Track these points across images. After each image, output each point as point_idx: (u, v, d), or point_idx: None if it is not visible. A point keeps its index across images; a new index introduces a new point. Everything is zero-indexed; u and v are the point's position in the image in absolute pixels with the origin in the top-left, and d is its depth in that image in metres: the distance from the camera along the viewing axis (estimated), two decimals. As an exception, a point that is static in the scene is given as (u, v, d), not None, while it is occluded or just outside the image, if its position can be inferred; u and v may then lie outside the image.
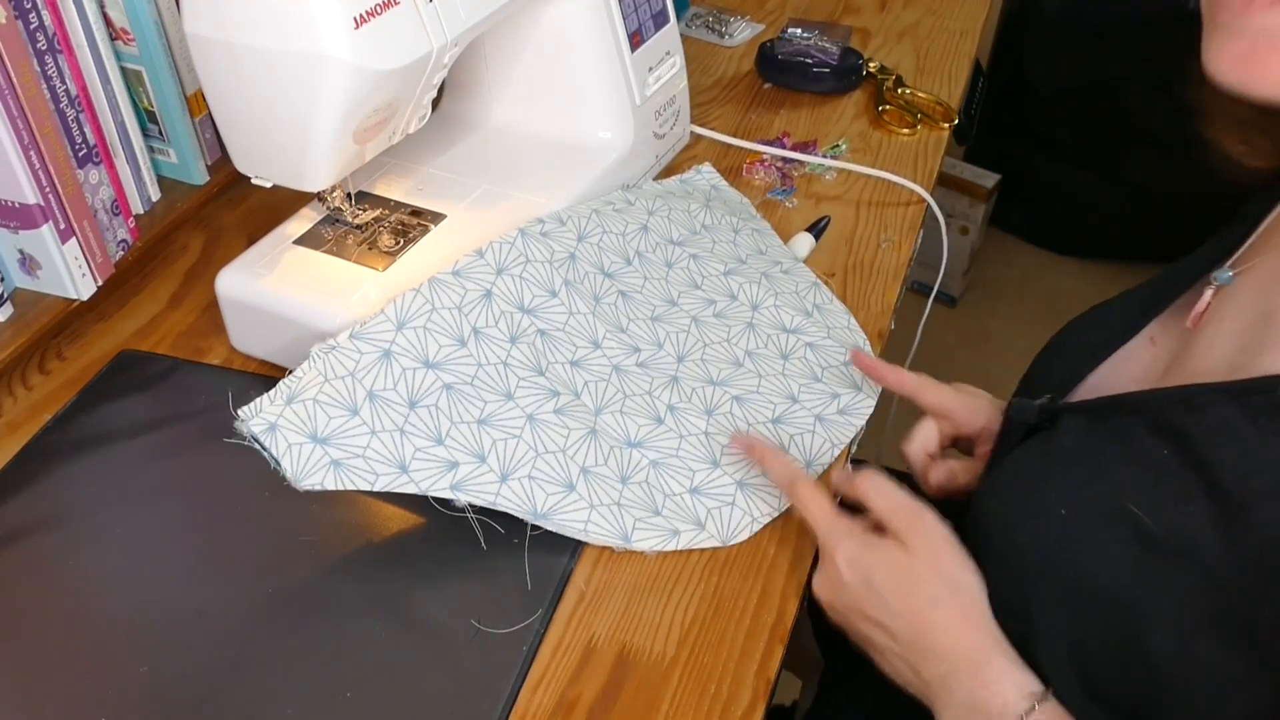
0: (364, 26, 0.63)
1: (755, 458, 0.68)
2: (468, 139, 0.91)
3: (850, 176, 1.01)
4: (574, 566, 0.66)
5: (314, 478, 0.63)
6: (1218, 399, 0.51)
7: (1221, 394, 0.51)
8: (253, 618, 0.63)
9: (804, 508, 0.63)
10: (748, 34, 1.25)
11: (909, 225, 0.95)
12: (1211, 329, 0.57)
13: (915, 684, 0.57)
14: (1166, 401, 0.53)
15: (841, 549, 0.59)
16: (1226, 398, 0.50)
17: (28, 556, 0.66)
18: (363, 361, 0.67)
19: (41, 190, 0.75)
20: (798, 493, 0.64)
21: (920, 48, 1.23)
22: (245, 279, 0.76)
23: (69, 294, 0.80)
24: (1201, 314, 0.58)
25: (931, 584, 0.57)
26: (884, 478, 0.62)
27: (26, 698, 0.59)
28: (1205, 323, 0.58)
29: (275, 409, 0.63)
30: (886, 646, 0.58)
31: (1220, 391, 0.51)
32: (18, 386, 0.78)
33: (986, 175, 2.05)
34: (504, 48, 0.89)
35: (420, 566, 0.65)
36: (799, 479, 0.64)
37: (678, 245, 0.85)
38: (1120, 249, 2.14)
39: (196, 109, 0.89)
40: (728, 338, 0.80)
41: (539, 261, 0.76)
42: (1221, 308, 0.58)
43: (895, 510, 0.60)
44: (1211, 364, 0.55)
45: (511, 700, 0.59)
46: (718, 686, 0.60)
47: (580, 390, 0.73)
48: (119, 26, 0.83)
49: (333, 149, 0.69)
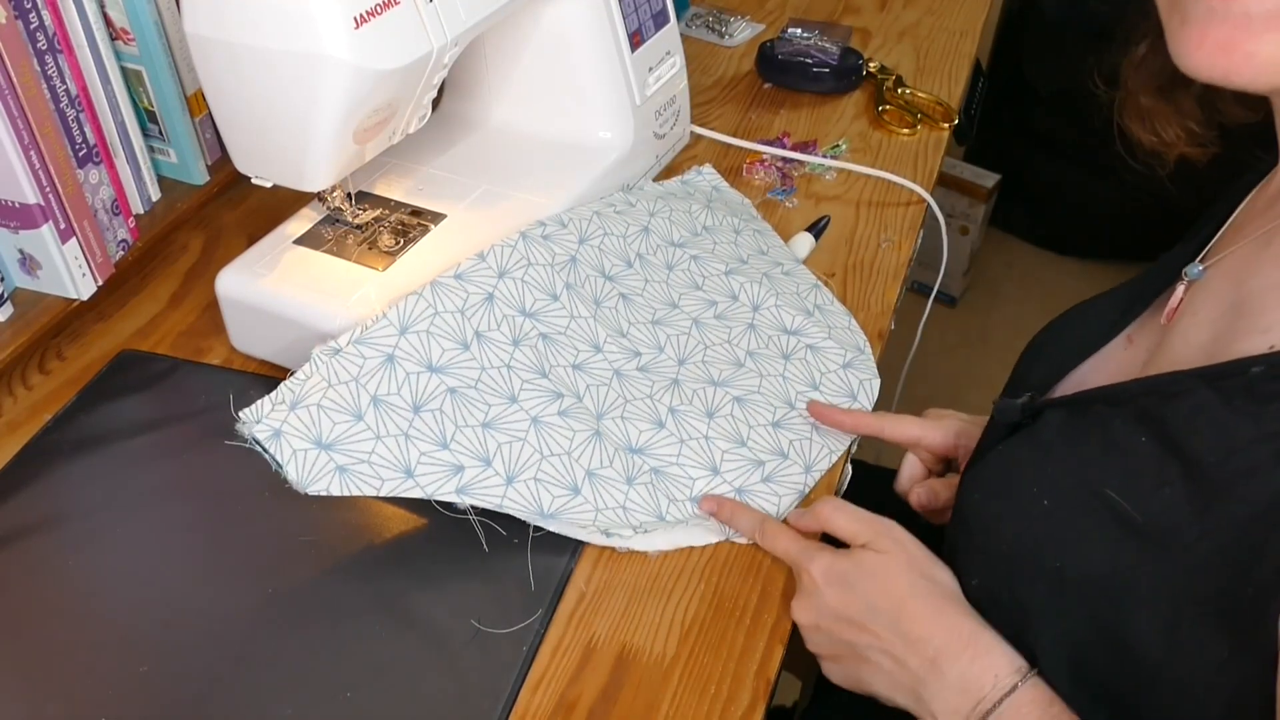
0: (364, 26, 0.63)
1: (724, 518, 0.68)
2: (468, 139, 0.91)
3: (850, 176, 1.01)
4: (574, 566, 0.66)
5: (320, 484, 0.63)
6: (1193, 385, 0.51)
7: (1196, 380, 0.51)
8: (253, 618, 0.63)
9: (774, 544, 0.65)
10: (748, 34, 1.25)
11: (909, 225, 0.95)
12: (1185, 322, 0.58)
13: (905, 683, 0.58)
14: (1143, 391, 0.54)
15: (815, 563, 0.61)
16: (1201, 383, 0.51)
17: (28, 556, 0.66)
18: (366, 366, 0.67)
19: (41, 190, 0.75)
20: (766, 533, 0.66)
21: (920, 48, 1.23)
22: (245, 279, 0.76)
23: (69, 294, 0.80)
24: (1175, 309, 0.59)
25: (909, 576, 0.59)
26: (840, 501, 0.64)
27: (26, 698, 0.59)
28: (1179, 317, 0.59)
29: (279, 414, 0.63)
30: (871, 646, 0.59)
31: (1195, 377, 0.51)
32: (18, 386, 0.78)
33: (986, 175, 2.05)
34: (504, 48, 0.89)
35: (420, 567, 0.65)
36: (765, 521, 0.67)
37: (679, 247, 0.85)
38: (1120, 249, 2.14)
39: (196, 109, 0.89)
40: (729, 338, 0.80)
41: (540, 264, 0.76)
42: (1194, 301, 0.58)
43: (861, 524, 0.62)
44: (1187, 355, 0.55)
45: (511, 700, 0.59)
46: (718, 686, 0.60)
47: (582, 394, 0.73)
48: (119, 26, 0.83)
49: (333, 149, 0.69)
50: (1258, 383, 0.48)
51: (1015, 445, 0.61)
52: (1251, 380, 0.49)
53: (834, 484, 0.73)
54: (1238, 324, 0.53)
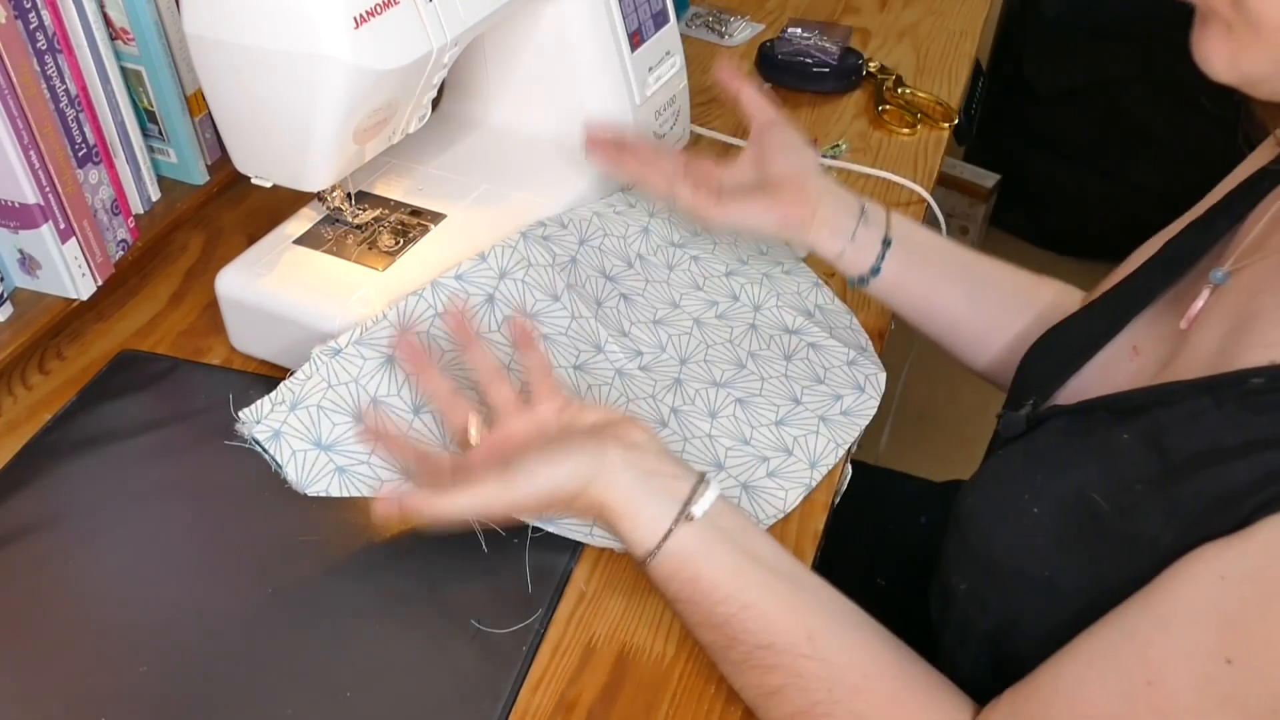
0: (364, 26, 0.63)
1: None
2: (467, 139, 0.91)
3: (850, 176, 1.01)
4: (574, 566, 0.66)
5: (319, 484, 0.63)
6: (1192, 393, 0.51)
7: (1195, 389, 0.51)
8: (252, 618, 0.63)
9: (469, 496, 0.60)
10: (748, 34, 1.25)
11: (909, 225, 0.95)
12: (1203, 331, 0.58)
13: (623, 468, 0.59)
14: (1146, 400, 0.54)
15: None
16: (1198, 391, 0.51)
17: (28, 556, 0.66)
18: (366, 367, 0.67)
19: (41, 190, 0.75)
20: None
21: (920, 48, 1.23)
22: (245, 279, 0.76)
23: (69, 294, 0.80)
24: (1197, 315, 0.59)
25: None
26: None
27: (27, 698, 0.59)
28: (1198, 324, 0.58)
29: (279, 415, 0.63)
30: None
31: (1195, 387, 0.52)
32: (17, 386, 0.78)
33: (986, 175, 2.05)
34: (504, 48, 0.89)
35: (420, 567, 0.65)
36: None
37: (679, 247, 0.85)
38: (1120, 249, 2.13)
39: (196, 109, 0.89)
40: (730, 339, 0.80)
41: (541, 265, 0.76)
42: (1211, 309, 0.58)
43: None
44: (1194, 365, 0.56)
45: (511, 700, 0.59)
46: (718, 686, 0.60)
47: (584, 394, 0.73)
48: (119, 26, 0.83)
49: (333, 149, 0.69)
50: (1255, 394, 0.48)
51: (1011, 453, 0.61)
52: (1249, 391, 0.49)
53: (834, 484, 0.73)
54: (1245, 337, 0.53)
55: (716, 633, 0.57)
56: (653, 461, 0.60)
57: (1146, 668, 0.47)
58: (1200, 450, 0.49)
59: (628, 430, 0.61)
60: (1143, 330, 0.63)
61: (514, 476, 0.59)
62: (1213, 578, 0.46)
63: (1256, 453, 0.46)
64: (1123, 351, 0.63)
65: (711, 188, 0.75)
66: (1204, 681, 0.45)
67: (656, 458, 0.60)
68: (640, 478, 0.59)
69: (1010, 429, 0.63)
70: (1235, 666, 0.44)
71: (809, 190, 0.75)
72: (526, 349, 0.66)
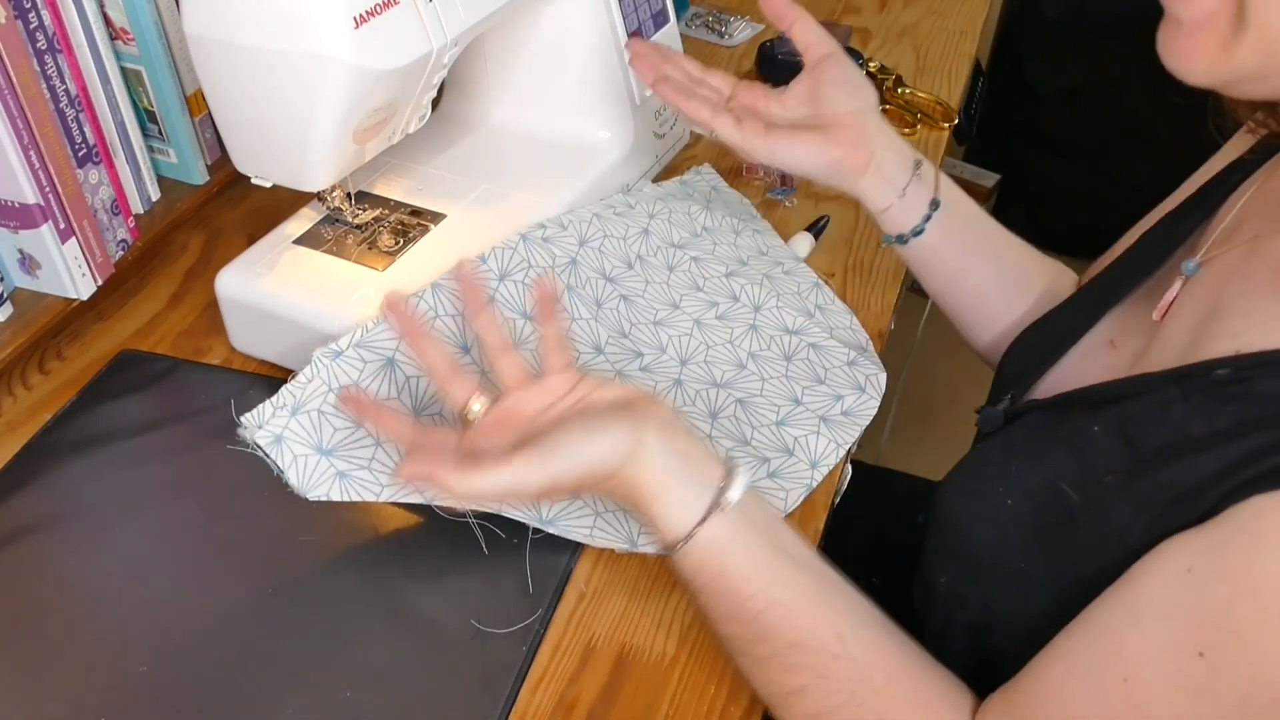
0: (364, 26, 0.63)
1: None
2: (467, 139, 0.91)
3: (850, 176, 1.01)
4: (574, 566, 0.66)
5: (320, 489, 0.63)
6: (1160, 385, 0.52)
7: (1164, 380, 0.52)
8: (252, 617, 0.63)
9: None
10: (748, 34, 1.25)
11: (909, 225, 0.95)
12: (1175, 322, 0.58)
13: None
14: (1118, 392, 0.54)
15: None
16: (1166, 382, 0.51)
17: (28, 556, 0.66)
18: (366, 370, 0.67)
19: (41, 190, 0.75)
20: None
21: (920, 48, 1.23)
22: (245, 279, 0.76)
23: (69, 294, 0.80)
24: (1169, 306, 0.59)
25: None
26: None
27: (26, 698, 0.59)
28: (1171, 315, 0.59)
29: (281, 420, 0.63)
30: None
31: (1162, 379, 0.52)
32: (17, 386, 0.78)
33: (986, 175, 2.05)
34: (504, 48, 0.89)
35: (420, 566, 0.65)
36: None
37: (679, 248, 0.85)
38: (1120, 249, 2.14)
39: (196, 109, 0.89)
40: (730, 339, 0.80)
41: (541, 267, 0.76)
42: (1183, 300, 0.58)
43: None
44: (1165, 356, 0.56)
45: (511, 700, 0.59)
46: (718, 687, 0.60)
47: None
48: (119, 26, 0.83)
49: (332, 149, 0.69)
50: (1221, 385, 0.49)
51: (988, 447, 0.61)
52: (1215, 382, 0.49)
53: (834, 485, 0.73)
54: (1212, 327, 0.53)
55: (742, 627, 0.55)
56: (684, 441, 0.57)
57: (1122, 665, 0.47)
58: (1168, 442, 0.49)
59: (656, 407, 0.58)
60: (1119, 322, 0.63)
61: (551, 452, 0.55)
62: (1180, 571, 0.46)
63: (1222, 443, 0.46)
64: (1100, 344, 0.63)
65: (759, 120, 0.69)
66: (1177, 676, 0.45)
67: (687, 437, 0.58)
68: (675, 459, 0.56)
69: (988, 424, 0.63)
70: (1207, 659, 0.44)
71: (867, 132, 0.69)
72: (547, 318, 0.62)
